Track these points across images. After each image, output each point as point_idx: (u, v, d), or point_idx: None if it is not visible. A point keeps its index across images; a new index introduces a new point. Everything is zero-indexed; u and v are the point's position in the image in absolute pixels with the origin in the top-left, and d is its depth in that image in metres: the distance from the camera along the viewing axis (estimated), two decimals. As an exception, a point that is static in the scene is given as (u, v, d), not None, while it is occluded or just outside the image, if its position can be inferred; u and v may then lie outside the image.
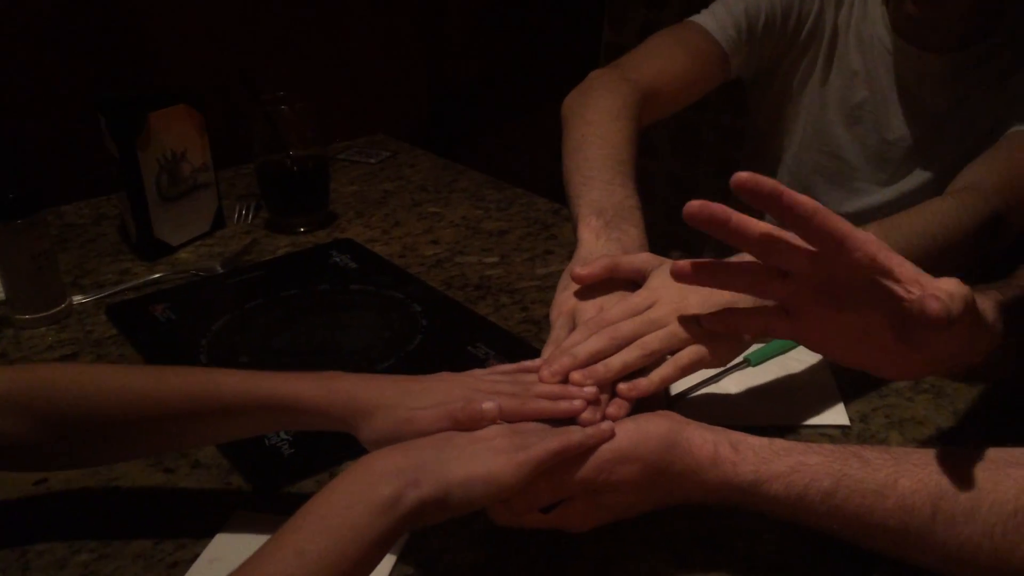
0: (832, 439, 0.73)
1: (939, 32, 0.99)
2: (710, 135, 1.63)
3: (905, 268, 0.54)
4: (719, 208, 0.57)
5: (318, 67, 1.70)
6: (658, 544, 0.63)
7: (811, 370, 0.81)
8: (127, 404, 0.61)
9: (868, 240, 0.55)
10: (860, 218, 1.10)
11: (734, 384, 0.80)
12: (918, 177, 1.06)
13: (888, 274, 0.54)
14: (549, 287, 1.00)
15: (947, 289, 0.51)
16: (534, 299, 0.98)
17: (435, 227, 1.19)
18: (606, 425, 0.59)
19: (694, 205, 0.56)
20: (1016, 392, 0.76)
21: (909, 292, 0.53)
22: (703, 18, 1.05)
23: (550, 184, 1.02)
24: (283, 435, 0.74)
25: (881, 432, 0.73)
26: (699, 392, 0.78)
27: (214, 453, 0.74)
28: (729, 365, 0.79)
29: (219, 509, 0.67)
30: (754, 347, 0.82)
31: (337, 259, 1.08)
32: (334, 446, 0.73)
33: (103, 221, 1.23)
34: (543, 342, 0.86)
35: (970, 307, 0.52)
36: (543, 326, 0.92)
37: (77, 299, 1.00)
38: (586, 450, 0.57)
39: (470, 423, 0.59)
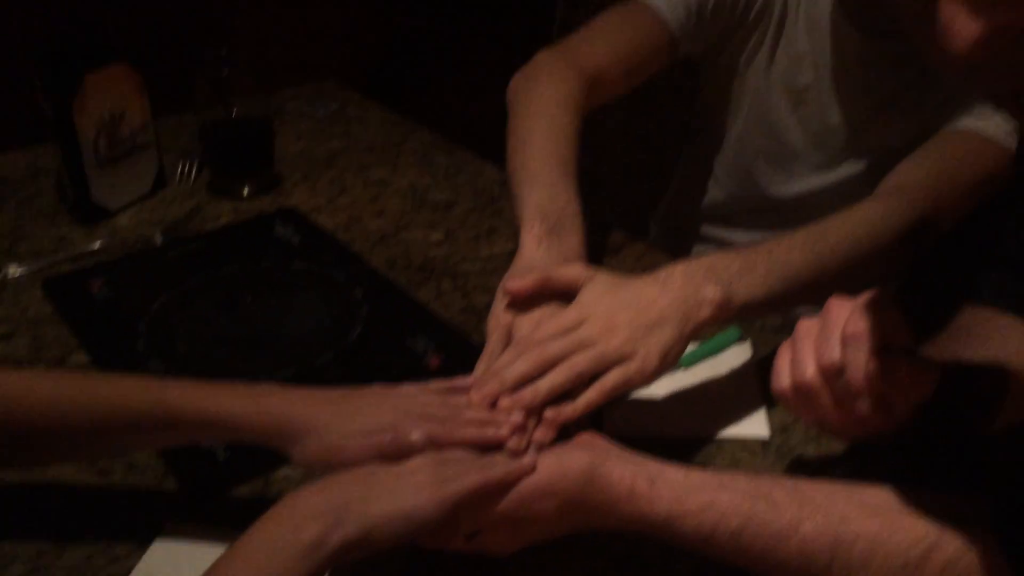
0: (752, 452, 0.76)
1: (883, 17, 0.99)
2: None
3: None
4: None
5: (267, 9, 1.65)
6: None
7: (738, 374, 0.84)
8: (60, 415, 0.62)
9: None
10: (799, 201, 1.12)
11: (663, 388, 0.82)
12: (856, 164, 1.07)
13: None
14: (491, 271, 1.01)
15: None
16: (475, 284, 0.99)
17: (381, 195, 1.18)
18: (527, 460, 0.61)
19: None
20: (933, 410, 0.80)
21: None
22: None
23: (499, 138, 1.01)
24: (219, 437, 0.75)
25: (799, 446, 0.76)
26: (629, 397, 0.80)
27: (149, 455, 0.74)
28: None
29: (154, 515, 0.68)
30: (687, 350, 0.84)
31: (280, 232, 1.08)
32: (268, 452, 0.74)
33: (40, 176, 1.20)
34: (482, 334, 0.88)
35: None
36: (482, 316, 0.92)
37: (12, 270, 0.99)
38: (507, 485, 0.59)
39: (397, 455, 0.60)
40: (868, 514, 0.56)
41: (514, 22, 1.90)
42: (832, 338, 0.59)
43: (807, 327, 0.62)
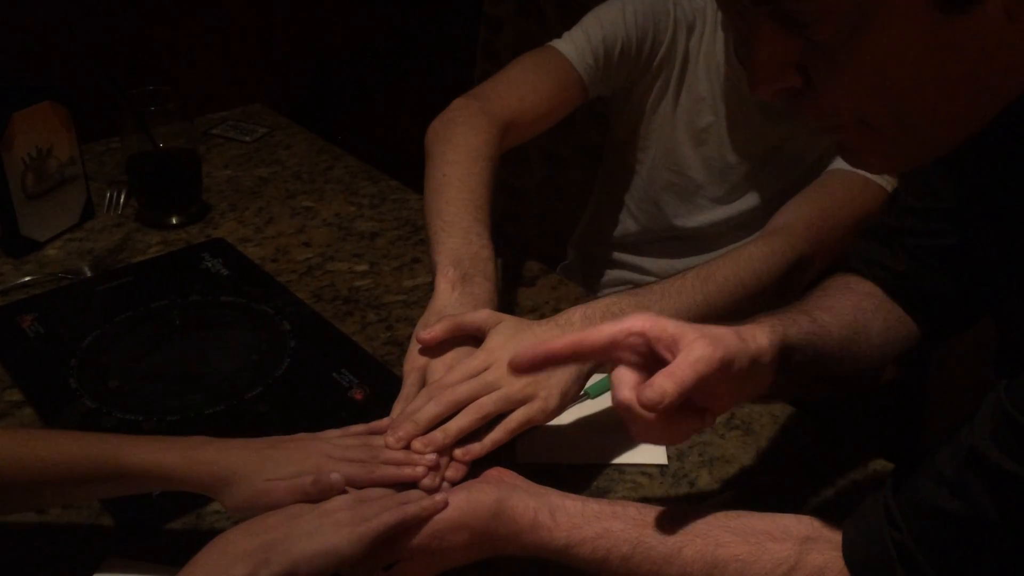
0: (650, 477, 0.83)
1: None
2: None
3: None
4: (541, 355, 0.65)
5: (192, 33, 1.67)
6: None
7: (642, 403, 0.91)
8: None
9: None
10: (703, 232, 1.20)
11: (570, 417, 0.88)
12: (752, 199, 1.16)
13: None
14: (413, 303, 1.07)
15: (663, 386, 0.61)
16: (399, 316, 1.04)
17: (308, 225, 1.22)
18: (440, 497, 0.67)
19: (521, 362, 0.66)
20: (820, 425, 0.89)
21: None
22: (563, 44, 1.10)
23: (422, 165, 1.07)
24: (152, 474, 0.79)
25: (693, 471, 0.84)
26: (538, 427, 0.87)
27: (85, 492, 0.78)
28: (569, 399, 0.88)
29: (91, 551, 0.72)
30: (593, 379, 0.91)
31: (209, 264, 1.11)
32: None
33: (-34, 206, 1.21)
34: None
35: (715, 368, 0.62)
36: (405, 348, 0.97)
37: (-59, 306, 1.01)
38: (421, 520, 0.65)
39: (320, 496, 0.66)
40: (740, 539, 0.64)
41: (439, 50, 1.95)
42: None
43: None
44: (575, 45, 1.09)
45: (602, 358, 0.69)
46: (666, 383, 0.61)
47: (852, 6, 0.50)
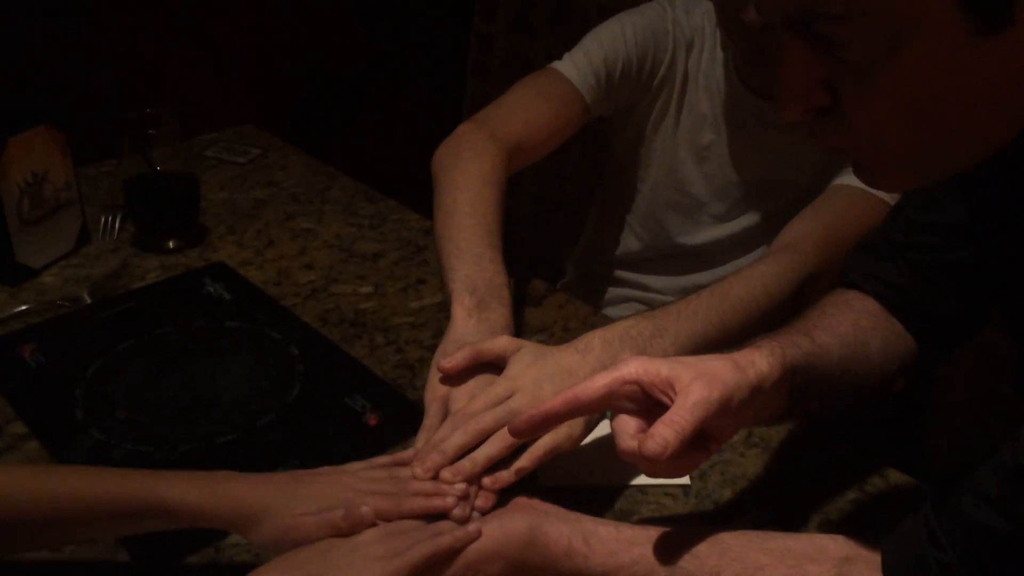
0: (673, 498, 0.82)
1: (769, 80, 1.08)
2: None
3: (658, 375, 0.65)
4: (540, 417, 0.67)
5: (185, 54, 1.65)
6: None
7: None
8: (16, 510, 0.63)
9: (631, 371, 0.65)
10: (705, 249, 1.20)
11: (591, 438, 0.87)
12: (754, 216, 1.16)
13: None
14: (421, 324, 1.05)
15: (664, 435, 0.61)
16: (408, 339, 1.03)
17: (308, 247, 1.21)
18: (473, 527, 0.65)
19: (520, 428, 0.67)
20: (838, 441, 0.88)
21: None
22: (564, 66, 1.10)
23: (421, 181, 1.06)
24: (167, 506, 0.77)
25: (716, 491, 0.83)
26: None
27: (98, 527, 0.76)
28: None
29: (107, 589, 0.71)
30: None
31: (211, 288, 1.10)
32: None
33: (-43, 233, 1.19)
34: (416, 389, 0.93)
35: (685, 441, 0.62)
36: (416, 371, 0.97)
37: (-62, 336, 0.98)
38: (455, 551, 0.64)
39: (350, 529, 0.64)
40: (778, 561, 0.63)
41: (430, 67, 1.94)
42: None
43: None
44: (577, 67, 1.09)
45: (599, 409, 0.69)
46: (667, 432, 0.61)
47: (886, 27, 0.50)
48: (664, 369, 0.65)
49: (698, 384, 0.63)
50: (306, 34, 1.89)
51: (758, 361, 0.67)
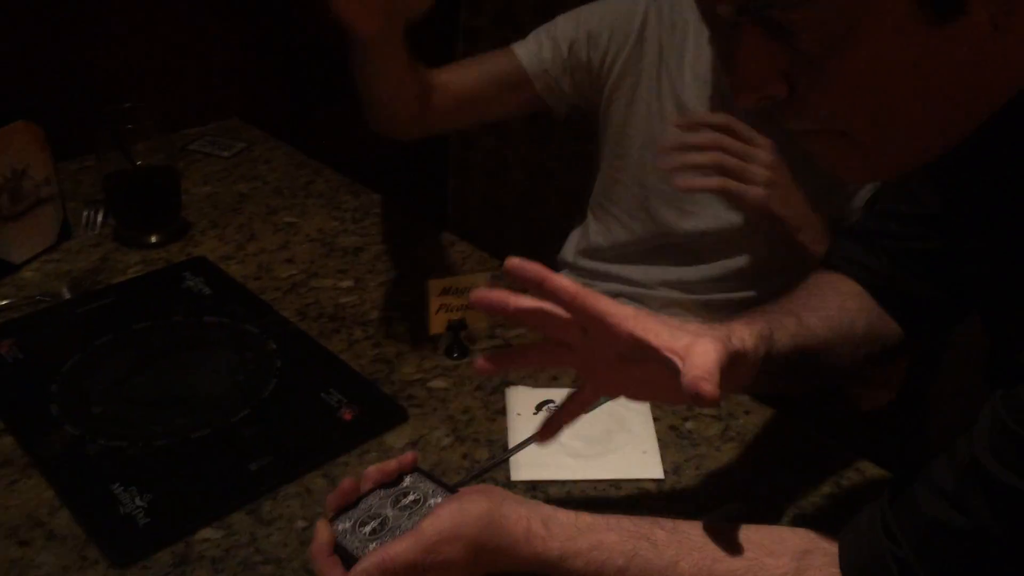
0: (647, 491, 0.82)
1: None
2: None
3: (662, 339, 0.63)
4: (532, 269, 0.64)
5: (169, 47, 1.65)
6: None
7: (636, 419, 0.90)
8: None
9: (627, 316, 0.64)
10: (694, 241, 1.19)
11: (567, 434, 0.87)
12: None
13: (649, 346, 0.63)
14: (400, 318, 1.05)
15: (706, 367, 0.60)
16: (386, 333, 1.03)
17: (291, 241, 1.21)
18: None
19: (513, 262, 0.64)
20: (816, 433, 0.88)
21: (678, 366, 0.61)
22: (516, 44, 1.17)
23: (406, 175, 1.08)
24: (138, 502, 0.77)
25: (691, 485, 0.83)
26: (533, 443, 0.86)
27: (69, 523, 0.76)
28: (563, 414, 0.88)
29: (76, 585, 0.71)
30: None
31: (190, 282, 1.09)
32: (189, 513, 0.77)
33: (-62, 228, 1.18)
34: (393, 383, 0.93)
35: (724, 364, 0.61)
36: (394, 365, 0.97)
37: (-85, 332, 0.98)
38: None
39: None
40: (737, 554, 0.63)
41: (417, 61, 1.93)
42: None
43: None
44: (524, 41, 1.17)
45: (570, 312, 0.66)
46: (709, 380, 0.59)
47: (837, 16, 0.50)
48: (664, 333, 0.64)
49: (703, 342, 0.62)
50: (291, 27, 1.88)
51: (747, 338, 0.67)
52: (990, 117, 0.54)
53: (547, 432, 0.74)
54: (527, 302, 0.66)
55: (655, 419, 0.90)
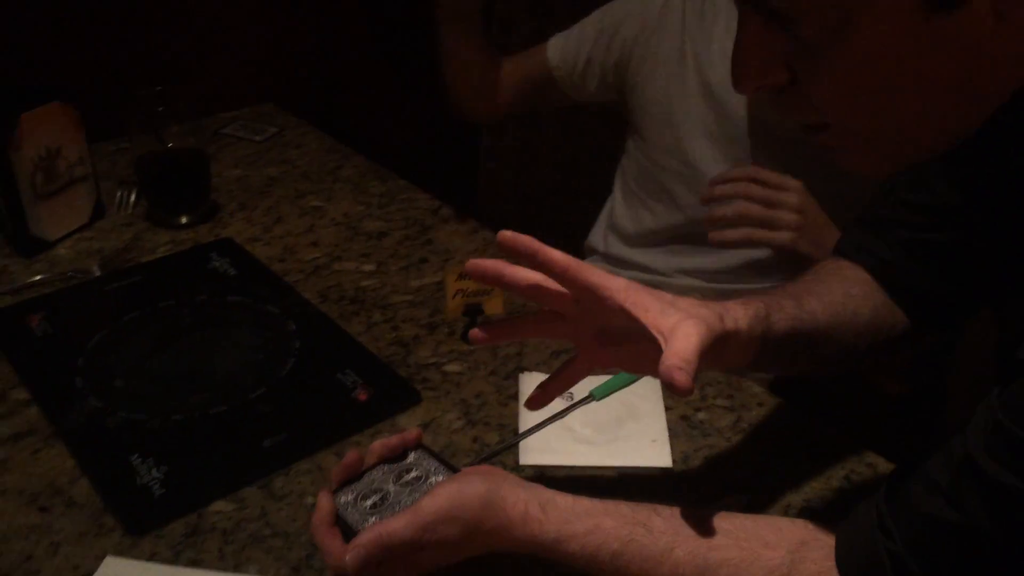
0: (654, 480, 0.82)
1: None
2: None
3: (650, 316, 0.63)
4: (524, 242, 0.65)
5: (203, 35, 1.68)
6: None
7: (647, 407, 0.90)
8: None
9: (619, 288, 0.64)
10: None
11: (578, 421, 0.88)
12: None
13: (638, 321, 0.63)
14: (419, 303, 1.06)
15: (685, 353, 0.59)
16: (404, 317, 1.04)
17: (316, 225, 1.22)
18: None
19: (506, 234, 0.65)
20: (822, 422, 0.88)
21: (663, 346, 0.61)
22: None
23: (434, 161, 1.10)
24: (154, 473, 0.80)
25: (698, 475, 0.83)
26: (546, 427, 0.86)
27: (88, 491, 0.79)
28: (575, 401, 0.88)
29: (92, 552, 0.73)
30: (598, 382, 0.91)
31: (216, 263, 1.11)
32: (203, 486, 0.79)
33: (-22, 206, 1.22)
34: (408, 366, 0.94)
35: (707, 348, 0.61)
36: (411, 348, 0.98)
37: (-49, 305, 1.02)
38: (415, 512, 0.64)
39: None
40: (733, 542, 0.63)
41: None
42: None
43: None
44: (555, 41, 1.24)
45: (561, 282, 0.67)
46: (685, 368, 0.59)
47: (836, 4, 0.50)
48: (655, 309, 0.64)
49: (687, 324, 0.62)
50: (327, 15, 1.90)
51: (740, 318, 0.67)
52: (1007, 110, 0.53)
53: (536, 400, 0.75)
54: (520, 272, 0.67)
55: (667, 408, 0.90)
